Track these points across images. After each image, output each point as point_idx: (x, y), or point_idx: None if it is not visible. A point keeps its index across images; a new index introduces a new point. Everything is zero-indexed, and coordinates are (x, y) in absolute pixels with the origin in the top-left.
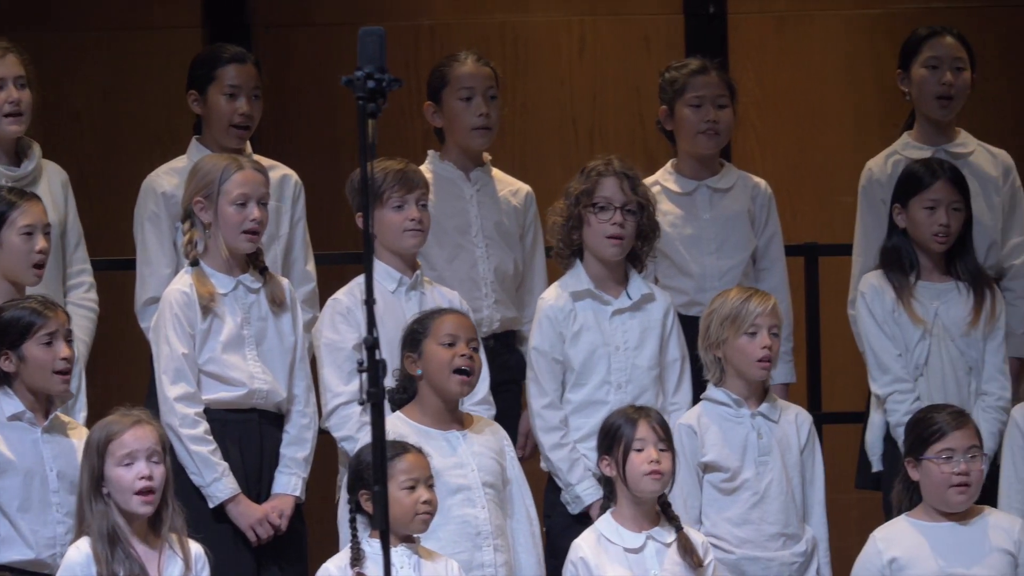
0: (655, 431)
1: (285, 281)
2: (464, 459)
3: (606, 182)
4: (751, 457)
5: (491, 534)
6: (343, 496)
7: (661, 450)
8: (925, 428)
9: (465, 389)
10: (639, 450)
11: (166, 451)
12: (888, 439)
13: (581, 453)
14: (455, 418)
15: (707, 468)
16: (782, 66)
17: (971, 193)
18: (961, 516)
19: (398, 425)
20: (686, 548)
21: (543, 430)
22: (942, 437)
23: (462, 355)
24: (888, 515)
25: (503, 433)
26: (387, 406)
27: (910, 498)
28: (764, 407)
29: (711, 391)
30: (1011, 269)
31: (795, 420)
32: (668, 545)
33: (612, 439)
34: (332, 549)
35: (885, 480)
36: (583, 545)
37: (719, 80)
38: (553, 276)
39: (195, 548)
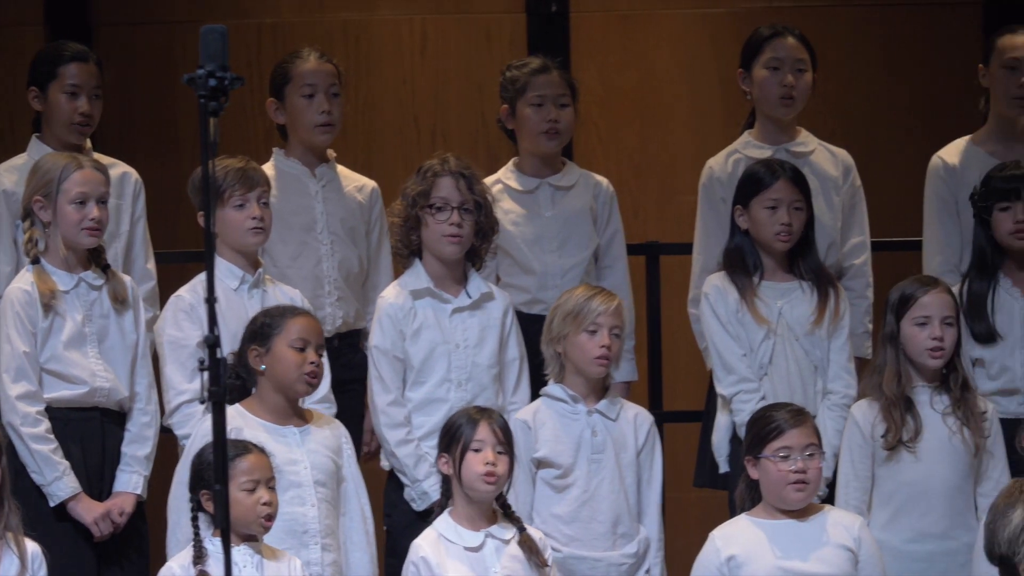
0: (495, 434)
1: (127, 278)
2: (298, 456)
3: (442, 182)
4: (584, 455)
5: (319, 532)
6: (182, 493)
7: (499, 452)
8: (763, 427)
9: (310, 391)
10: (477, 450)
11: (3, 450)
12: (735, 439)
13: (424, 450)
14: (295, 414)
15: (540, 464)
16: (624, 65)
17: (811, 192)
18: (800, 513)
19: (235, 418)
20: (531, 548)
21: (388, 427)
22: (780, 435)
23: (311, 362)
24: (734, 515)
25: (343, 431)
26: None
27: (752, 497)
28: (602, 405)
29: (550, 387)
30: (851, 268)
31: (634, 420)
32: (506, 542)
33: (452, 438)
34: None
35: (732, 481)
36: (423, 544)
37: (560, 79)
38: (399, 273)
39: (31, 547)
